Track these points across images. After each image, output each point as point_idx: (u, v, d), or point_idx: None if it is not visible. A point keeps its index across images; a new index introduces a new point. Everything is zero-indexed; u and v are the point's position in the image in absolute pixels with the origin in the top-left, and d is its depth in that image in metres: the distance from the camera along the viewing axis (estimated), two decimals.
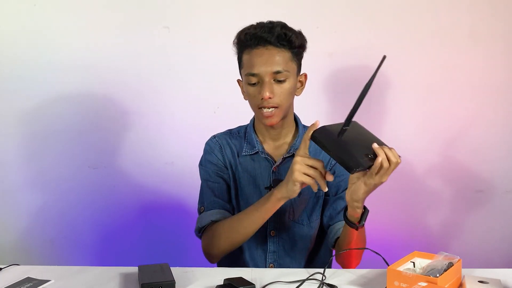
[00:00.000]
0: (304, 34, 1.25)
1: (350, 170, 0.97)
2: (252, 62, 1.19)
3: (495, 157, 1.93)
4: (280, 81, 1.19)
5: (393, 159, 1.01)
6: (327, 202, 1.34)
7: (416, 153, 1.89)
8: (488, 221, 1.96)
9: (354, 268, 1.24)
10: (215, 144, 1.35)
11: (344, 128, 1.00)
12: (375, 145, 1.01)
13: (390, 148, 1.02)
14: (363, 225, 1.14)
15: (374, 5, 1.88)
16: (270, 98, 1.18)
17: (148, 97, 1.90)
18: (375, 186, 1.05)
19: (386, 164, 1.00)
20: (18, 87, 1.87)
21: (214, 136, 1.37)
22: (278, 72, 1.18)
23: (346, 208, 1.15)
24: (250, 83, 1.21)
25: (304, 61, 1.28)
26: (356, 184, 1.07)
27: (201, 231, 1.30)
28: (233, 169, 1.33)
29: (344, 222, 1.21)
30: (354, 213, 1.12)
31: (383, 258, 1.07)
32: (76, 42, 1.86)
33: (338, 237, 1.27)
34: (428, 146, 1.91)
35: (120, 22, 1.87)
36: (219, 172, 1.33)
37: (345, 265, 1.27)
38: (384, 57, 1.00)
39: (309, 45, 1.26)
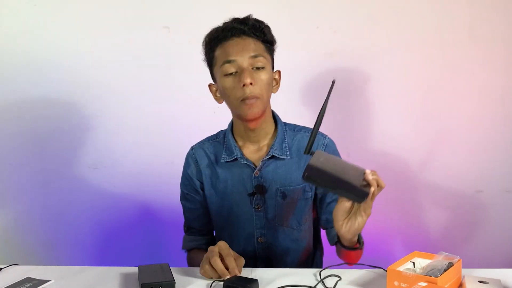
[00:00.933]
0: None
1: (361, 200, 0.99)
2: (227, 51, 1.16)
3: (495, 157, 1.93)
4: (258, 69, 1.16)
5: (382, 184, 1.00)
6: (321, 205, 1.30)
7: (415, 153, 1.89)
8: (488, 221, 1.96)
9: (357, 262, 1.21)
10: (191, 158, 1.32)
11: (311, 154, 0.99)
12: (368, 174, 0.98)
13: (373, 172, 1.00)
14: (363, 243, 1.15)
15: (374, 5, 1.88)
16: (251, 84, 1.13)
17: (148, 97, 1.90)
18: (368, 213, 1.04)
19: (379, 189, 1.00)
20: (18, 87, 1.87)
21: (192, 148, 1.34)
22: (256, 56, 1.16)
23: (338, 238, 1.13)
24: (227, 73, 1.16)
25: (304, 61, 1.28)
26: (355, 219, 1.03)
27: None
28: (212, 179, 1.29)
29: None
30: (352, 242, 1.11)
31: (383, 269, 1.07)
32: (76, 42, 1.86)
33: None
34: (427, 146, 1.91)
35: (120, 22, 1.87)
36: (193, 193, 1.33)
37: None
38: (333, 82, 1.01)
39: (309, 45, 1.26)
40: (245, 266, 1.27)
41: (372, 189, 0.98)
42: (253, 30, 1.18)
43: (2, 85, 1.87)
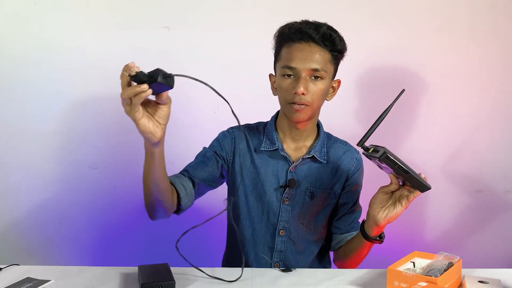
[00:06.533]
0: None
1: (426, 189, 1.09)
2: (291, 55, 1.18)
3: (495, 157, 1.93)
4: (316, 79, 1.18)
5: None
6: (335, 212, 1.36)
7: (416, 153, 1.89)
8: (488, 221, 1.96)
9: (360, 263, 1.30)
10: (229, 134, 1.32)
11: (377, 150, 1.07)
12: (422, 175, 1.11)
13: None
14: (383, 237, 1.22)
15: (374, 5, 1.88)
16: (303, 94, 1.17)
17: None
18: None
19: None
20: (17, 87, 1.87)
21: (231, 127, 1.34)
22: (316, 70, 1.17)
23: (364, 227, 1.20)
24: (285, 74, 1.19)
25: None
26: (394, 207, 1.13)
27: None
28: (246, 163, 1.30)
29: (351, 234, 1.33)
30: (379, 231, 1.18)
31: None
32: (75, 42, 1.86)
33: (342, 245, 1.34)
34: (427, 146, 1.91)
35: (120, 22, 1.86)
36: (216, 156, 1.30)
37: (344, 267, 1.33)
38: (403, 91, 1.10)
39: None
40: (259, 259, 1.27)
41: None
42: (322, 39, 1.18)
43: (1, 84, 1.86)
